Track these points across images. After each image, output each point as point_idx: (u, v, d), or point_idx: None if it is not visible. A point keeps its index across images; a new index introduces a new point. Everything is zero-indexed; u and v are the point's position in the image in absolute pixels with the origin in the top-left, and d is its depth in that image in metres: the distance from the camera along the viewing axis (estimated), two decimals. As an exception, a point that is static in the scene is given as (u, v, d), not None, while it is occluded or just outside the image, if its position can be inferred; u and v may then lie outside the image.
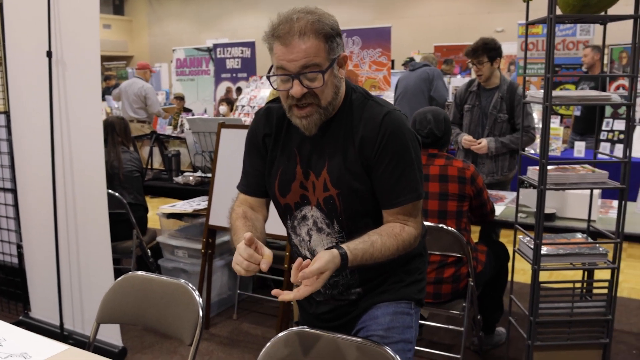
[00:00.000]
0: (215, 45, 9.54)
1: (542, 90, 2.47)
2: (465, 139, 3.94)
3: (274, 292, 1.45)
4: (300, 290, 1.43)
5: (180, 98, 8.76)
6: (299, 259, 1.45)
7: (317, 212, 1.66)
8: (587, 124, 5.97)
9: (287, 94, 1.54)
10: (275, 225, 1.88)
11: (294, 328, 1.69)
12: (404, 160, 1.59)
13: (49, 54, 3.15)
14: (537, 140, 5.38)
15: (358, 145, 1.59)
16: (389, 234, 1.58)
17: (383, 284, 1.74)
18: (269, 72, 1.60)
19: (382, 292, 1.74)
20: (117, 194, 3.67)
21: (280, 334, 1.68)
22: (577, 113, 6.10)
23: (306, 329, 1.67)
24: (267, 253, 1.48)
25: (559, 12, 2.42)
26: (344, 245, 1.51)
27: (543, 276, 2.55)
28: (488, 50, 3.85)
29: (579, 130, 6.11)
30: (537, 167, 2.51)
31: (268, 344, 1.68)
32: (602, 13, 2.47)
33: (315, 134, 1.63)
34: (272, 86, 1.56)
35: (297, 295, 1.43)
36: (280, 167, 1.69)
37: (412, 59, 9.52)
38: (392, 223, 1.62)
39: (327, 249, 1.50)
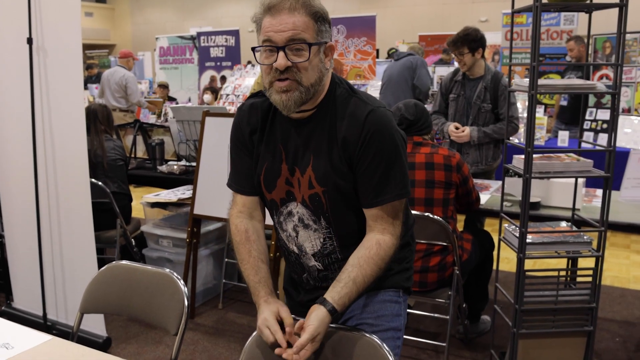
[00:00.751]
0: (199, 34, 9.46)
1: (528, 79, 2.47)
2: (451, 129, 3.94)
3: (277, 351, 1.50)
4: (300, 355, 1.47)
5: (163, 87, 8.68)
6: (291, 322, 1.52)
7: (303, 209, 1.64)
8: (573, 113, 6.00)
9: (269, 68, 1.52)
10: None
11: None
12: (386, 159, 1.56)
13: (30, 41, 3.09)
14: (521, 130, 5.42)
15: (341, 144, 1.57)
16: (367, 261, 1.57)
17: None
18: (254, 48, 1.58)
19: None
20: (100, 183, 3.63)
21: (267, 323, 1.66)
22: (564, 103, 6.12)
23: (293, 317, 1.65)
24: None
25: (544, 0, 2.41)
26: (329, 298, 1.53)
27: (527, 264, 2.56)
28: (469, 41, 3.84)
29: (564, 119, 6.15)
30: (523, 156, 2.52)
31: (255, 333, 1.66)
32: (588, 1, 2.47)
33: (300, 130, 1.61)
34: (256, 59, 1.54)
35: None
36: (265, 163, 1.66)
37: (395, 50, 9.53)
38: (368, 240, 1.61)
39: (317, 302, 1.54)
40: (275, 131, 1.66)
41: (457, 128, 3.91)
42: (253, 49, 1.55)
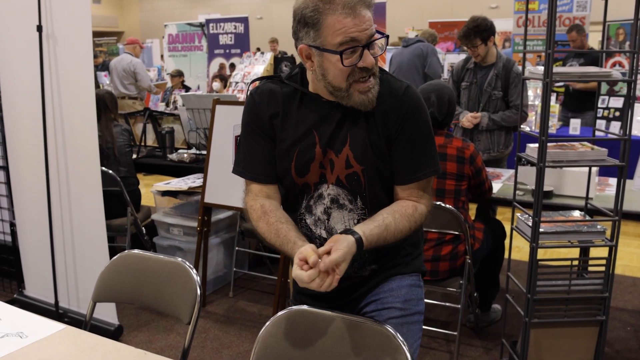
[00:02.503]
0: (208, 21, 9.42)
1: (541, 67, 2.43)
2: (466, 119, 3.92)
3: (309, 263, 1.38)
4: (324, 285, 1.39)
5: (175, 75, 8.61)
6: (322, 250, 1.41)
7: (337, 190, 1.62)
8: (580, 101, 5.96)
9: (350, 69, 1.48)
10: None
11: (294, 307, 1.67)
12: (424, 135, 1.60)
13: (39, 28, 3.08)
14: (532, 118, 5.38)
15: (380, 120, 1.57)
16: (402, 216, 1.57)
17: (395, 257, 1.73)
18: (325, 49, 1.48)
19: (394, 265, 1.73)
20: (110, 171, 3.63)
21: (281, 313, 1.66)
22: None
23: (307, 307, 1.65)
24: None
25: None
26: (358, 230, 1.48)
27: (539, 254, 2.54)
28: (480, 32, 3.80)
29: (570, 107, 6.09)
30: (536, 145, 2.49)
31: (268, 323, 1.66)
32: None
33: (334, 112, 1.59)
34: (343, 64, 1.47)
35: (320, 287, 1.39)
36: (296, 149, 1.62)
37: (416, 36, 9.45)
38: (404, 202, 1.62)
39: (342, 232, 1.47)
40: (305, 116, 1.62)
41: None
42: (340, 52, 1.46)
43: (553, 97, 5.95)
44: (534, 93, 5.60)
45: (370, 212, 1.62)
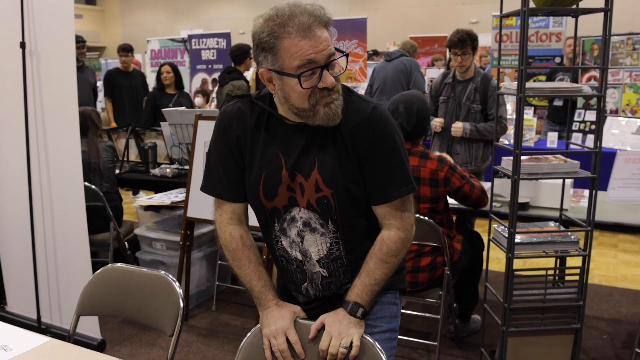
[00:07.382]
0: (190, 36, 9.46)
1: (516, 82, 2.51)
2: (436, 120, 4.04)
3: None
4: None
5: None
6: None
7: (309, 213, 1.62)
8: (567, 114, 6.09)
9: (310, 91, 1.48)
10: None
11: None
12: (395, 154, 1.59)
13: (23, 45, 3.11)
14: (510, 131, 5.48)
15: (349, 142, 1.57)
16: (370, 256, 1.64)
17: None
18: (285, 73, 1.48)
19: None
20: (93, 187, 3.65)
21: (262, 324, 1.70)
22: (560, 103, 6.16)
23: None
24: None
25: (532, 5, 2.46)
26: (355, 301, 1.63)
27: (517, 264, 2.61)
28: (472, 41, 3.94)
29: (557, 119, 6.20)
30: (511, 158, 2.56)
31: (250, 333, 1.70)
32: (575, 6, 2.52)
33: (300, 134, 1.59)
34: (302, 86, 1.47)
35: None
36: (263, 172, 1.62)
37: (374, 52, 9.54)
38: (378, 243, 1.64)
39: (344, 306, 1.63)
40: (271, 138, 1.62)
41: (443, 126, 4.02)
42: (298, 76, 1.46)
43: (531, 111, 6.05)
44: (512, 107, 5.70)
45: (342, 236, 1.64)
